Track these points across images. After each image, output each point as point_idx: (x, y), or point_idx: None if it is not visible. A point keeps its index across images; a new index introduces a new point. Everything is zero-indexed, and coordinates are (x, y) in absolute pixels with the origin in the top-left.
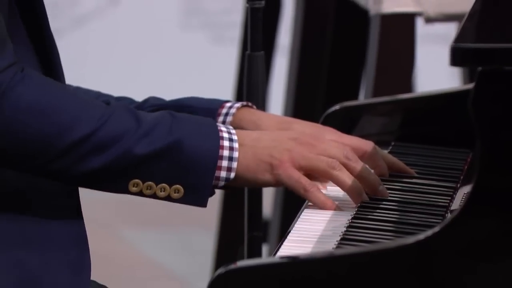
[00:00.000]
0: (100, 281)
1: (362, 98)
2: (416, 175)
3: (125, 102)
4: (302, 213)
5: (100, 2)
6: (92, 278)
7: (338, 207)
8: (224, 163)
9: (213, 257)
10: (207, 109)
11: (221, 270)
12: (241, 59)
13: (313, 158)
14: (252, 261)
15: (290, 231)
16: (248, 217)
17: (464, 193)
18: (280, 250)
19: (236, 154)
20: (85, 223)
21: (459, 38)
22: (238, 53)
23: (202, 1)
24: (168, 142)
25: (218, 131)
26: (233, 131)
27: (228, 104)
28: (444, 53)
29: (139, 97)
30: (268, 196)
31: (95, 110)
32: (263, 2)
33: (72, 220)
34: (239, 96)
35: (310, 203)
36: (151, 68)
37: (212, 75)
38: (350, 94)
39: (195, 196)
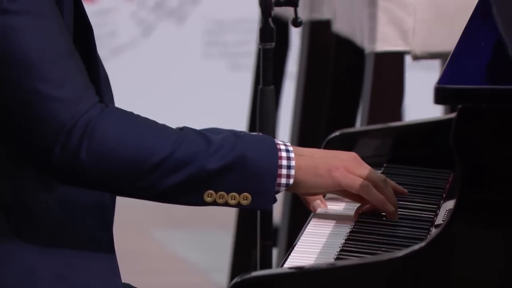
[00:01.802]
0: (134, 274)
1: (359, 124)
2: (407, 193)
3: None
4: (307, 227)
5: (134, 35)
6: (126, 272)
7: (389, 206)
8: (284, 171)
9: (231, 253)
10: None
11: (237, 279)
12: (254, 92)
13: (364, 169)
14: (264, 272)
15: (296, 243)
16: (260, 227)
17: (447, 209)
18: (288, 260)
19: (293, 163)
20: (121, 226)
21: (442, 79)
22: (251, 87)
23: (222, 34)
24: (234, 156)
25: (275, 144)
26: (289, 144)
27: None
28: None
29: (168, 114)
30: (277, 204)
31: (171, 135)
32: (273, 44)
33: (106, 253)
34: (253, 123)
35: (314, 217)
36: (177, 91)
37: (230, 97)
38: (348, 121)
39: (261, 201)
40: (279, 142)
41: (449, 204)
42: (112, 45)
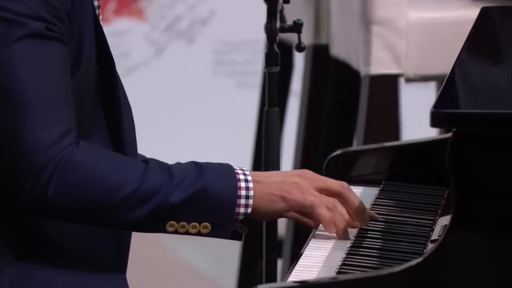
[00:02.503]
0: (144, 280)
1: (355, 143)
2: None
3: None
4: (310, 242)
5: (147, 55)
6: (137, 279)
7: (333, 227)
8: (242, 201)
9: (238, 262)
10: None
11: None
12: (260, 113)
13: (320, 183)
14: (270, 285)
15: (300, 258)
16: (265, 239)
17: (442, 225)
18: (292, 274)
19: (251, 193)
20: (132, 233)
21: (437, 104)
22: (257, 108)
23: (230, 54)
24: (195, 189)
25: (235, 174)
26: (247, 172)
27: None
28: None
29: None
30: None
31: (137, 171)
32: (278, 68)
33: (119, 274)
34: (258, 141)
35: (316, 233)
36: (188, 107)
37: (237, 113)
38: (346, 139)
39: (221, 231)
40: (239, 172)
41: (445, 220)
42: (126, 65)
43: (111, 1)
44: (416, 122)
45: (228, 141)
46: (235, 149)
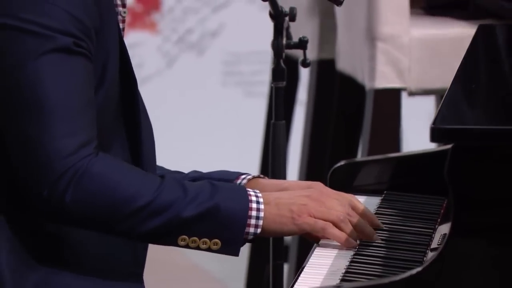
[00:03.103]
0: (157, 282)
1: (360, 154)
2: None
3: (176, 175)
4: (315, 251)
5: (159, 66)
6: (150, 280)
7: (350, 241)
8: (252, 221)
9: (247, 263)
10: (226, 181)
11: None
12: (267, 125)
13: (324, 211)
14: None
15: (305, 266)
16: (272, 246)
17: (441, 234)
18: (297, 283)
19: (262, 214)
20: None
21: (437, 120)
22: (264, 121)
23: (238, 65)
24: (208, 206)
25: (247, 195)
26: (260, 195)
27: (242, 176)
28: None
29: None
30: None
31: (152, 184)
32: (284, 83)
33: (135, 283)
34: (265, 152)
35: (320, 242)
36: (198, 115)
37: (245, 121)
38: (350, 150)
39: (230, 248)
40: (251, 193)
41: (444, 228)
42: (140, 75)
43: None
44: (415, 130)
45: (236, 148)
46: (243, 155)
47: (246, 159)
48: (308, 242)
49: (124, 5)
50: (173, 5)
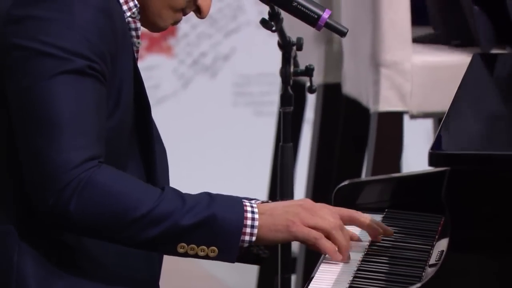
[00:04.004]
0: None
1: (364, 174)
2: (393, 235)
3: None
4: (320, 266)
5: (175, 87)
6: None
7: (338, 255)
8: (248, 229)
9: (257, 271)
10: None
11: None
12: (276, 147)
13: (317, 219)
14: None
15: (311, 281)
16: (280, 258)
17: (439, 250)
18: None
19: (256, 223)
20: None
21: (434, 145)
22: (273, 144)
23: (248, 86)
24: (205, 215)
25: (243, 205)
26: (255, 205)
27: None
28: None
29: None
30: None
31: (153, 194)
32: (291, 108)
33: None
34: (274, 172)
35: (325, 259)
36: (211, 133)
37: (254, 138)
38: (355, 170)
39: (227, 255)
40: (247, 204)
41: (441, 245)
42: (157, 96)
43: (143, 40)
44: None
45: (246, 164)
46: (253, 170)
47: (256, 175)
48: (315, 253)
49: (138, 37)
50: (188, 31)
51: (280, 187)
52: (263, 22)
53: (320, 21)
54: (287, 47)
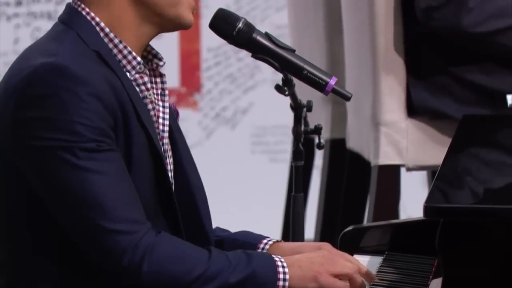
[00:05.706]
0: None
1: (366, 220)
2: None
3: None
4: None
5: (199, 137)
6: None
7: None
8: (281, 283)
9: None
10: (251, 244)
11: None
12: (288, 197)
13: (340, 268)
14: None
15: None
16: None
17: None
18: None
19: (287, 276)
20: None
21: (429, 199)
22: (285, 193)
23: (264, 137)
24: (247, 272)
25: (274, 261)
26: (283, 260)
27: (264, 241)
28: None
29: (226, 197)
30: None
31: (204, 254)
32: (302, 162)
33: None
34: (287, 219)
35: None
36: (231, 179)
37: (270, 183)
38: (358, 216)
39: None
40: (276, 259)
41: (435, 284)
42: None
43: (172, 96)
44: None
45: (261, 205)
46: (267, 212)
47: (271, 217)
48: None
49: (148, 89)
50: (211, 88)
51: (292, 231)
52: (277, 88)
53: (327, 87)
54: (298, 109)
